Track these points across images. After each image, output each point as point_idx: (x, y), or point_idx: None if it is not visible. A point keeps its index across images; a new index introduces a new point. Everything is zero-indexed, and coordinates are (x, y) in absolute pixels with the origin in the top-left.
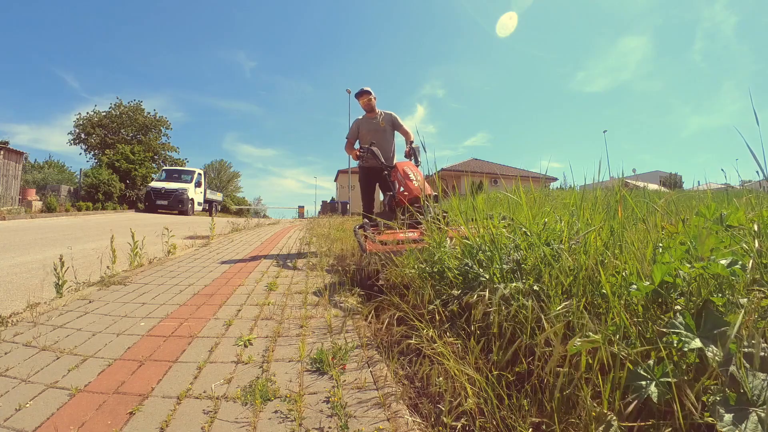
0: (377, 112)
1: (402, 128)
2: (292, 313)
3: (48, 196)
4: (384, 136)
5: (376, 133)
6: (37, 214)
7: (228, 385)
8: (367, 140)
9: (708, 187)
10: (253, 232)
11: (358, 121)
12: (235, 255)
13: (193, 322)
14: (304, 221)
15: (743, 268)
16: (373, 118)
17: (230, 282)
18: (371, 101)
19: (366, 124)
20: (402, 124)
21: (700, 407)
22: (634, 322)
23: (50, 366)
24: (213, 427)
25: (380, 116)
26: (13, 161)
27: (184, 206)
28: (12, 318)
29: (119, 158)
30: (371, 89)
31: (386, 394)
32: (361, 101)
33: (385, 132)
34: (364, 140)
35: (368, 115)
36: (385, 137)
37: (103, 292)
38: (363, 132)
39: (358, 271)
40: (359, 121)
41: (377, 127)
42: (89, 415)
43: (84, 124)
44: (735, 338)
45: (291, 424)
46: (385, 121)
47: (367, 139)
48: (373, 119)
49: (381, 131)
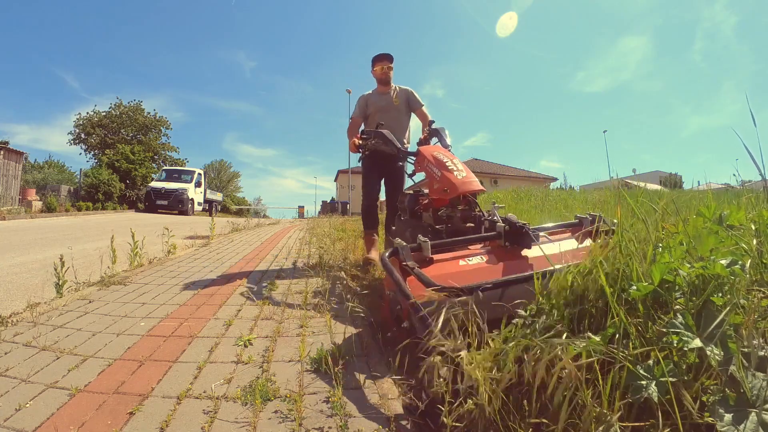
0: (391, 87)
1: (420, 110)
2: (292, 314)
3: (48, 196)
4: (398, 117)
5: (388, 112)
6: (37, 214)
7: (228, 385)
8: (375, 121)
9: (708, 186)
10: (253, 232)
11: (365, 96)
12: (235, 255)
13: (193, 322)
14: (304, 221)
15: (743, 268)
16: (385, 93)
17: (230, 282)
18: (388, 71)
19: (376, 100)
20: (422, 103)
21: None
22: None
23: (50, 366)
24: (213, 427)
25: (394, 92)
26: (13, 161)
27: (184, 206)
28: (12, 318)
29: (119, 158)
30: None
31: (386, 394)
32: (376, 68)
33: (399, 112)
34: (371, 121)
35: (379, 89)
36: (399, 119)
37: (103, 292)
38: (372, 110)
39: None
40: (367, 97)
41: (390, 105)
42: (89, 415)
43: (84, 124)
44: (735, 338)
45: (291, 424)
46: (400, 98)
47: (376, 120)
48: (385, 94)
49: (395, 110)
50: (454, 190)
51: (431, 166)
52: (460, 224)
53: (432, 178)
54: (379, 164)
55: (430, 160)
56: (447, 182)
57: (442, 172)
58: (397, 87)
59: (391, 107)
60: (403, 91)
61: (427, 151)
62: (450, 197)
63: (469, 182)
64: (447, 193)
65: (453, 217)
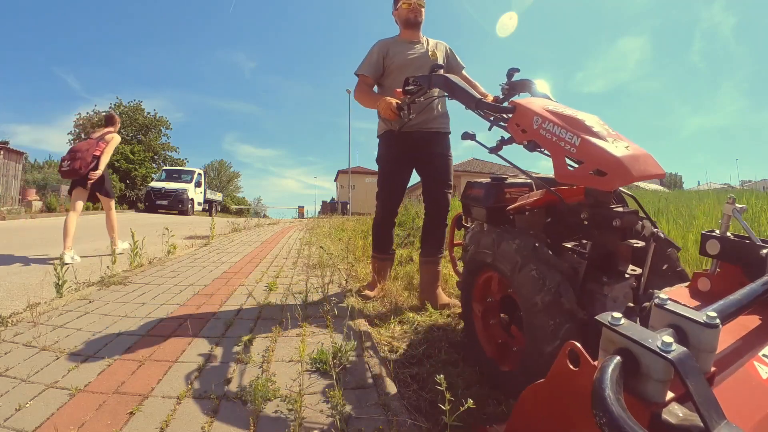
0: (421, 37)
1: (463, 74)
2: (291, 314)
3: (48, 196)
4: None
5: (420, 69)
6: (37, 214)
7: (228, 385)
8: (396, 82)
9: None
10: (253, 232)
11: (384, 44)
12: (235, 255)
13: (193, 322)
14: (304, 221)
15: None
16: (414, 42)
17: (230, 282)
18: (419, 8)
19: (400, 50)
20: (463, 65)
21: None
22: None
23: (50, 366)
24: (213, 427)
25: (428, 43)
26: (13, 161)
27: (184, 206)
28: (12, 318)
29: (119, 158)
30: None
31: (386, 394)
32: (403, 4)
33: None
34: (391, 80)
35: (404, 36)
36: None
37: (103, 292)
38: (394, 64)
39: None
40: (386, 45)
41: (424, 59)
42: (89, 415)
43: (84, 124)
44: None
45: (291, 424)
46: (439, 52)
47: (398, 80)
48: (414, 43)
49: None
50: (620, 174)
51: (557, 129)
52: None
53: (559, 152)
54: (410, 149)
55: (551, 118)
56: (605, 159)
57: (588, 141)
58: (428, 39)
59: (425, 62)
60: (439, 45)
61: (537, 105)
62: (608, 187)
63: (647, 162)
64: (604, 180)
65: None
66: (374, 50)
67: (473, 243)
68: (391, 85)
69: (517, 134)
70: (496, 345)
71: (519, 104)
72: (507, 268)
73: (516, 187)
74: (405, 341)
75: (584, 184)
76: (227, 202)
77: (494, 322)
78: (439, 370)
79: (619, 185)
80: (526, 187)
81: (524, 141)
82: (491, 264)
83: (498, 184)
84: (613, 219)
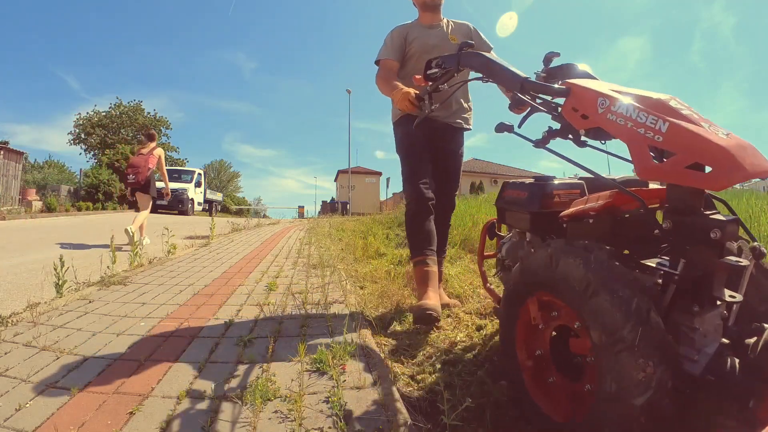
0: (442, 19)
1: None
2: (292, 314)
3: (48, 196)
4: None
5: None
6: (37, 214)
7: (228, 385)
8: (417, 67)
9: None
10: (253, 232)
11: (402, 29)
12: (235, 255)
13: (193, 322)
14: (304, 221)
15: None
16: (434, 26)
17: (230, 282)
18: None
19: (420, 34)
20: (491, 46)
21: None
22: None
23: (50, 366)
24: (213, 427)
25: (448, 26)
26: (13, 161)
27: (184, 206)
28: (12, 318)
29: (119, 158)
30: None
31: (386, 394)
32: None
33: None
34: (411, 66)
35: (424, 19)
36: None
37: (103, 292)
38: (415, 49)
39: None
40: (406, 29)
41: (444, 43)
42: (89, 415)
43: (84, 124)
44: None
45: (291, 424)
46: (458, 34)
47: (419, 65)
48: (434, 27)
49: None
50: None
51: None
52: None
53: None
54: (431, 138)
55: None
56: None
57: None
58: (449, 21)
59: (446, 46)
60: (460, 27)
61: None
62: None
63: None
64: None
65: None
66: (394, 34)
67: (510, 256)
68: (409, 73)
69: (576, 120)
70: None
71: (575, 84)
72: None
73: (566, 189)
74: (405, 341)
75: (679, 182)
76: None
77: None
78: (439, 369)
79: (730, 183)
80: (577, 189)
81: (585, 129)
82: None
83: (545, 184)
84: (711, 229)
